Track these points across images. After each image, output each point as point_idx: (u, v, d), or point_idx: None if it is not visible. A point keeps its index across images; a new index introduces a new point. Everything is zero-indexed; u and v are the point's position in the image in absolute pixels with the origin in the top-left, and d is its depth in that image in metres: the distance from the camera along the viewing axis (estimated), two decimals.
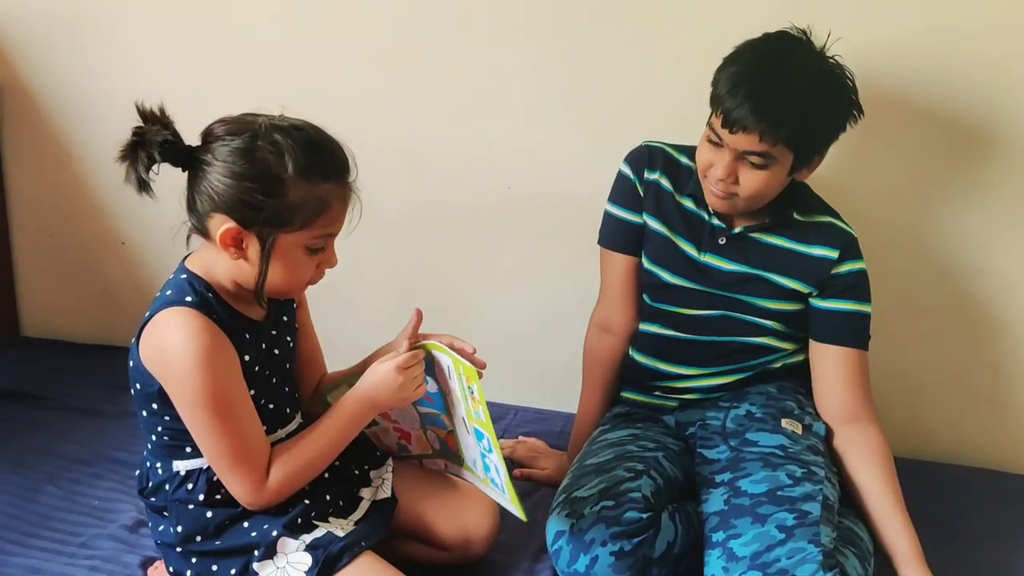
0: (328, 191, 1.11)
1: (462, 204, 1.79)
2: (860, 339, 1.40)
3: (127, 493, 1.48)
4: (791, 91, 1.27)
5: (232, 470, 1.13)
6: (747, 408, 1.42)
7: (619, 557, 1.23)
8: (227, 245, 1.10)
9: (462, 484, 1.36)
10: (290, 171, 1.08)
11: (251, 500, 1.14)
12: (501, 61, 1.69)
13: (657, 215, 1.44)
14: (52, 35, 1.88)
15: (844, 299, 1.38)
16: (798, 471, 1.30)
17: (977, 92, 1.53)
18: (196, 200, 1.11)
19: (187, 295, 1.12)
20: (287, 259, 1.12)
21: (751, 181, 1.31)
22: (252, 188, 1.07)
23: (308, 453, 1.17)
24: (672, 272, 1.44)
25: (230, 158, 1.08)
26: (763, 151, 1.27)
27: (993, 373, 1.68)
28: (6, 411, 1.72)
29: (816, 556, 1.18)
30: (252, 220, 1.09)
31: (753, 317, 1.42)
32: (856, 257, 1.38)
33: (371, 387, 1.20)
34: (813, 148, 1.31)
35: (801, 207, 1.39)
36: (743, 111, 1.25)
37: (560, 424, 1.73)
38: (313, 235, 1.12)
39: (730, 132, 1.28)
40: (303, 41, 1.77)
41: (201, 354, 1.08)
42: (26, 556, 1.34)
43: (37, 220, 2.02)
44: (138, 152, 1.09)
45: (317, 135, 1.12)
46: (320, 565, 1.13)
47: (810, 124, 1.27)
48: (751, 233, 1.40)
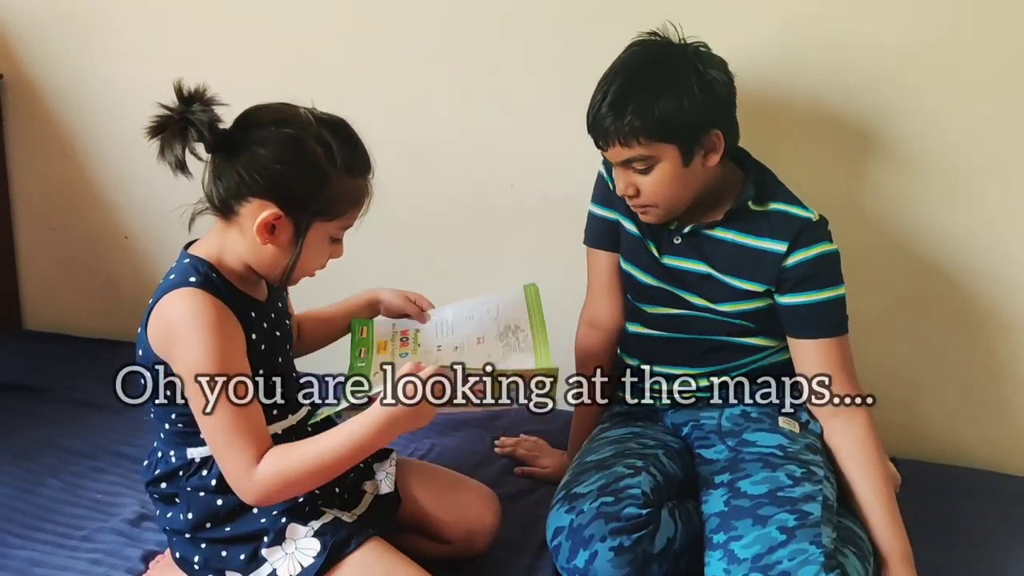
0: (361, 185, 1.17)
1: (464, 202, 1.79)
2: (831, 327, 1.35)
3: (129, 487, 1.48)
4: (631, 86, 1.27)
5: (227, 446, 1.10)
6: (742, 407, 1.42)
7: (618, 553, 1.23)
8: (262, 230, 1.12)
9: (464, 478, 1.37)
10: (338, 164, 1.12)
11: (241, 484, 1.10)
12: (504, 58, 1.69)
13: (628, 215, 1.44)
14: (56, 28, 1.88)
15: (803, 291, 1.33)
16: (798, 471, 1.30)
17: (981, 95, 1.53)
18: (230, 182, 1.12)
19: (191, 276, 1.13)
20: (313, 247, 1.16)
21: (648, 187, 1.31)
22: (301, 178, 1.11)
23: (310, 448, 1.11)
24: (644, 272, 1.44)
25: (280, 146, 1.11)
26: (636, 154, 1.28)
27: (993, 375, 1.68)
28: (8, 404, 1.72)
29: (818, 557, 1.19)
30: (295, 208, 1.12)
31: (722, 317, 1.41)
32: (810, 243, 1.31)
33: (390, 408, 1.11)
34: (686, 130, 1.26)
35: (757, 196, 1.35)
36: (597, 121, 1.28)
37: (561, 423, 1.74)
38: (341, 226, 1.17)
39: (603, 150, 1.31)
40: (306, 37, 1.77)
41: (207, 325, 1.09)
42: (28, 549, 1.35)
43: (40, 213, 2.02)
44: (187, 131, 1.09)
45: (353, 131, 1.16)
46: (328, 550, 1.14)
47: (661, 109, 1.25)
48: (703, 231, 1.38)
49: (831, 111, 1.59)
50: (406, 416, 1.10)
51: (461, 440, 1.68)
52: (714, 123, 1.29)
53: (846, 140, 1.60)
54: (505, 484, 1.54)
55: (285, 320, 1.27)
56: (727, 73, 1.32)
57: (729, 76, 1.32)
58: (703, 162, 1.31)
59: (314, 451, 1.10)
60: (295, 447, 1.12)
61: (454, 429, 1.70)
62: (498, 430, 1.73)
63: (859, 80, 1.56)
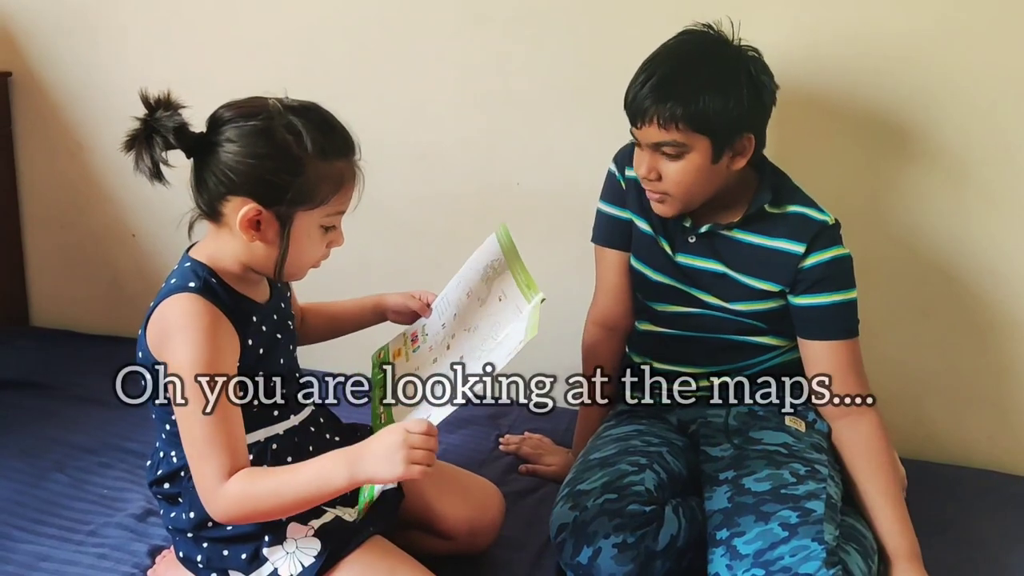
0: (341, 168, 1.13)
1: (471, 200, 1.79)
2: (844, 330, 1.36)
3: (135, 482, 1.49)
4: (680, 73, 1.27)
5: (199, 456, 1.08)
6: (749, 406, 1.42)
7: (622, 549, 1.24)
8: (246, 227, 1.11)
9: (469, 474, 1.37)
10: (309, 150, 1.09)
11: (207, 498, 1.08)
12: (509, 56, 1.69)
13: (641, 213, 1.44)
14: (63, 26, 1.89)
15: (818, 292, 1.34)
16: (801, 469, 1.30)
17: (986, 96, 1.52)
18: (209, 185, 1.12)
19: (190, 281, 1.13)
20: (303, 238, 1.14)
21: (671, 173, 1.30)
22: (273, 168, 1.09)
23: (279, 477, 1.08)
24: (655, 270, 1.44)
25: (248, 139, 1.09)
26: (672, 139, 1.27)
27: (998, 376, 1.68)
28: (15, 400, 1.73)
29: (819, 553, 1.19)
30: (273, 200, 1.10)
31: (734, 317, 1.41)
32: (827, 246, 1.33)
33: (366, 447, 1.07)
34: (724, 128, 1.27)
35: (772, 199, 1.36)
36: (638, 100, 1.28)
37: (566, 421, 1.74)
38: (327, 212, 1.14)
39: (637, 128, 1.30)
40: (313, 36, 1.78)
41: (199, 329, 1.09)
42: (35, 543, 1.35)
43: (48, 211, 2.03)
44: (152, 139, 1.09)
45: (326, 114, 1.14)
46: (329, 550, 1.14)
47: (704, 102, 1.25)
48: (720, 231, 1.38)
49: (836, 109, 1.59)
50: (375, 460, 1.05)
51: (465, 438, 1.69)
52: (750, 128, 1.31)
53: (852, 139, 1.60)
54: (509, 482, 1.54)
55: (288, 321, 1.26)
56: (774, 83, 1.33)
57: (775, 86, 1.33)
58: (729, 163, 1.32)
59: (282, 479, 1.08)
60: (266, 475, 1.10)
61: (458, 427, 1.71)
62: (502, 428, 1.73)
63: (864, 78, 1.56)
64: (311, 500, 1.09)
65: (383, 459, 1.04)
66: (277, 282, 1.20)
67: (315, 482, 1.07)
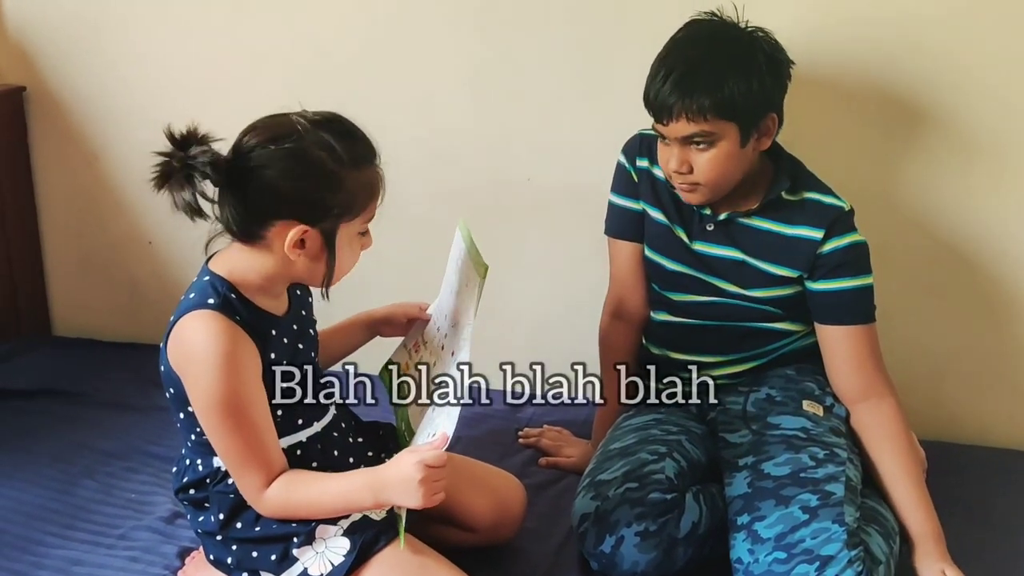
0: (372, 174, 1.15)
1: (482, 196, 1.80)
2: (862, 315, 1.37)
3: (162, 485, 1.51)
4: (699, 62, 1.28)
5: (238, 470, 1.14)
6: (767, 391, 1.43)
7: (644, 537, 1.25)
8: (292, 248, 1.11)
9: (491, 467, 1.38)
10: (345, 163, 1.11)
11: (255, 504, 1.16)
12: (520, 52, 1.70)
13: (654, 203, 1.45)
14: (76, 41, 1.91)
15: (837, 278, 1.35)
16: (820, 453, 1.31)
17: (995, 80, 1.52)
18: (247, 210, 1.11)
19: (209, 297, 1.13)
20: (344, 248, 1.16)
21: (704, 164, 1.30)
22: (314, 187, 1.10)
23: (313, 489, 1.15)
24: (671, 259, 1.45)
25: (283, 163, 1.09)
26: (700, 130, 1.27)
27: (1016, 355, 1.67)
28: (42, 408, 1.75)
29: (840, 535, 1.20)
30: (318, 218, 1.11)
31: (752, 304, 1.42)
32: (844, 232, 1.34)
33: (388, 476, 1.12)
34: (750, 111, 1.28)
35: (790, 186, 1.37)
36: (662, 96, 1.27)
37: (584, 413, 1.74)
38: (365, 219, 1.16)
39: (663, 124, 1.30)
40: (320, 38, 1.79)
41: (220, 355, 1.09)
42: (67, 548, 1.38)
43: (66, 222, 2.06)
44: (192, 178, 1.07)
45: (350, 123, 1.15)
46: (358, 548, 1.15)
47: (730, 88, 1.26)
48: (738, 218, 1.39)
49: (843, 93, 1.59)
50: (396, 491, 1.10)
51: (485, 432, 1.70)
52: (773, 106, 1.32)
53: (860, 123, 1.60)
54: (530, 475, 1.55)
55: (309, 329, 1.27)
56: (789, 59, 1.33)
57: (791, 63, 1.34)
58: (756, 145, 1.32)
59: (316, 492, 1.15)
60: (307, 476, 1.16)
61: (479, 422, 1.72)
62: (522, 421, 1.74)
63: (870, 62, 1.56)
64: (345, 512, 1.17)
65: (403, 492, 1.09)
66: (323, 294, 1.19)
67: (343, 502, 1.15)
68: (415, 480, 1.08)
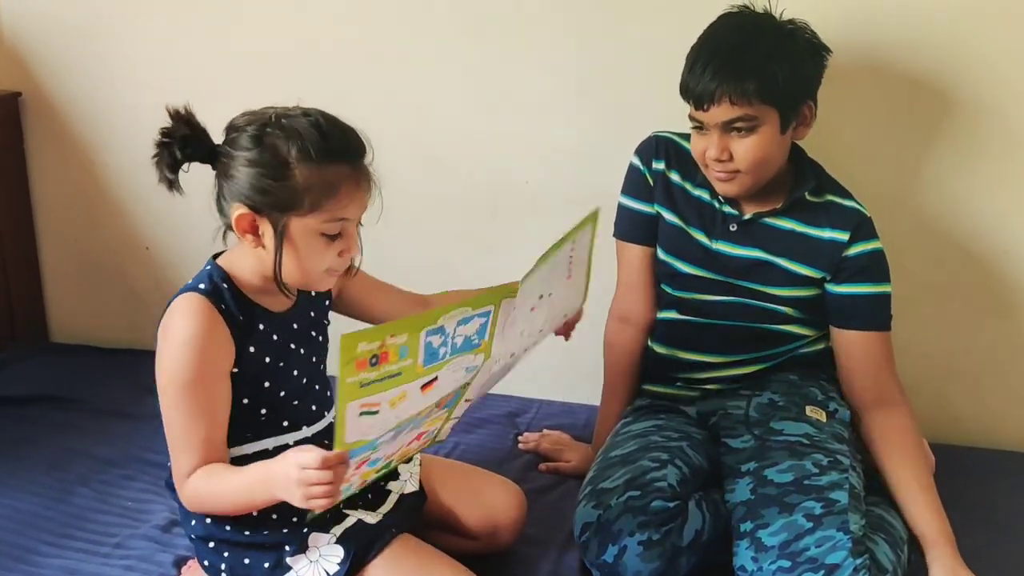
0: (335, 173, 1.10)
1: (479, 199, 1.79)
2: (880, 321, 1.38)
3: (158, 493, 1.50)
4: (743, 47, 1.28)
5: (173, 452, 1.15)
6: (769, 396, 1.42)
7: (647, 547, 1.23)
8: (243, 232, 1.13)
9: (489, 473, 1.37)
10: (294, 153, 1.09)
11: (177, 488, 1.16)
12: (516, 55, 1.69)
13: (669, 206, 1.44)
14: (71, 46, 1.90)
15: (859, 282, 1.36)
16: (824, 459, 1.30)
17: (1002, 75, 1.51)
18: (222, 193, 1.14)
19: (201, 282, 1.15)
20: (301, 245, 1.12)
21: (745, 150, 1.30)
22: (261, 173, 1.10)
23: (222, 482, 1.12)
24: (686, 262, 1.44)
25: (244, 147, 1.11)
26: (742, 115, 1.27)
27: (1020, 357, 1.66)
28: (38, 415, 1.74)
29: (846, 543, 1.18)
30: (263, 205, 1.11)
31: (769, 304, 1.41)
32: (868, 237, 1.36)
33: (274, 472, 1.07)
34: (791, 96, 1.30)
35: (813, 188, 1.38)
36: (704, 82, 1.27)
37: (584, 417, 1.74)
38: (324, 219, 1.11)
39: (704, 110, 1.29)
40: (318, 43, 1.78)
41: (188, 335, 1.11)
42: (62, 557, 1.36)
43: (62, 227, 2.05)
44: (167, 150, 1.12)
45: (326, 119, 1.12)
46: (352, 555, 1.15)
47: (773, 72, 1.26)
48: (762, 218, 1.39)
49: (850, 91, 1.57)
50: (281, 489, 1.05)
51: (484, 437, 1.69)
52: (811, 94, 1.33)
53: (866, 123, 1.59)
54: (529, 480, 1.54)
55: (313, 332, 1.25)
56: (827, 48, 1.34)
57: (828, 51, 1.34)
58: (794, 134, 1.33)
59: (224, 485, 1.12)
60: (217, 472, 1.13)
61: (477, 426, 1.71)
62: (521, 426, 1.73)
63: (877, 59, 1.55)
64: (248, 508, 1.15)
65: (285, 489, 1.04)
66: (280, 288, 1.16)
67: (244, 496, 1.12)
68: (292, 479, 1.02)
